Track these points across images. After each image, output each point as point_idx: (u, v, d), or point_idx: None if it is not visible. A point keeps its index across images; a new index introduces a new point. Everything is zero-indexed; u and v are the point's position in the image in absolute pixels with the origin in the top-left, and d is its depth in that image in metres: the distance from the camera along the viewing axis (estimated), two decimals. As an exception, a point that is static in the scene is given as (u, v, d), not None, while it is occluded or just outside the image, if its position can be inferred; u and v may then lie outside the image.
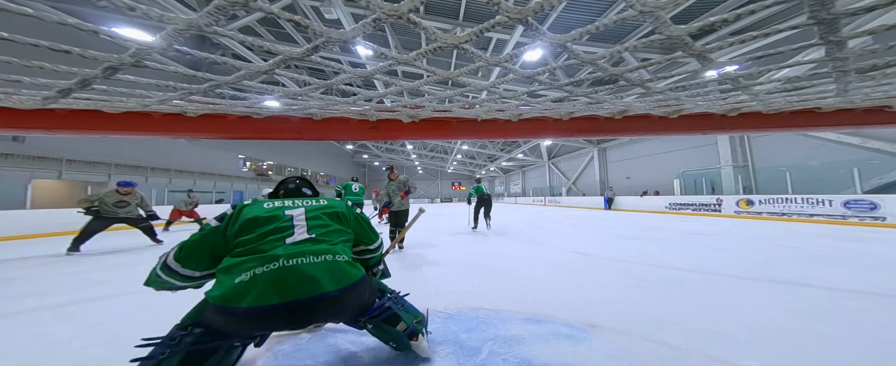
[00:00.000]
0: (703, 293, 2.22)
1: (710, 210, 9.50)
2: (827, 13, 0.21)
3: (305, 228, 1.15)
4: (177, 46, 0.23)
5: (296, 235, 1.12)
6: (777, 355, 1.41)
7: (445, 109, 0.41)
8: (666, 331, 1.64)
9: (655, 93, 0.33)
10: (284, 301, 0.96)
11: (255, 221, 1.13)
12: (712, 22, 0.23)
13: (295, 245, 1.09)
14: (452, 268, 3.19)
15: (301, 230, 1.14)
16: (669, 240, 4.67)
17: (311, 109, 0.45)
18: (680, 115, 0.34)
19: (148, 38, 0.24)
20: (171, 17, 0.21)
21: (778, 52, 0.29)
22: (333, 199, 1.34)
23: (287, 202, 1.25)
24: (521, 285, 2.50)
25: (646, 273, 2.68)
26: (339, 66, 0.31)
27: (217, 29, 0.23)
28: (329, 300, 1.02)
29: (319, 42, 0.24)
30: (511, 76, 0.29)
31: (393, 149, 36.07)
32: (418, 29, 0.25)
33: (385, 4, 0.22)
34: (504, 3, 0.22)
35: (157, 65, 0.29)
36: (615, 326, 1.69)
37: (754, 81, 0.33)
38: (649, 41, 0.30)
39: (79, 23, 0.23)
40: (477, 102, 0.39)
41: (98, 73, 0.26)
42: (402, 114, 0.38)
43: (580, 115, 0.35)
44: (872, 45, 0.27)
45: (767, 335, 1.58)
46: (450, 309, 2.00)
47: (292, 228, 1.14)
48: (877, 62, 0.29)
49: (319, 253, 1.09)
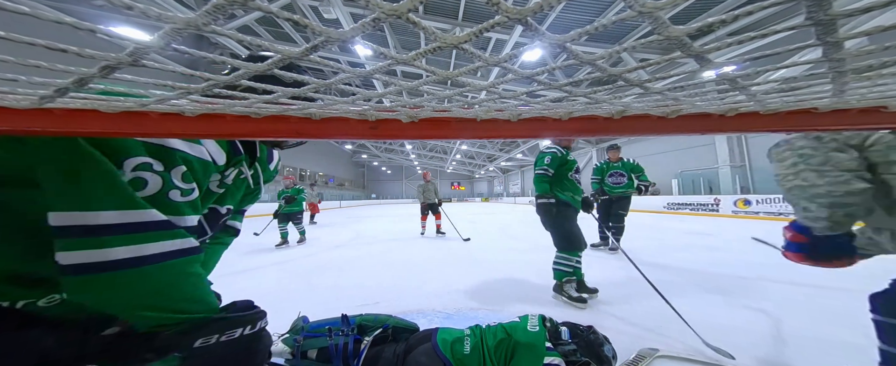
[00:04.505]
0: (703, 293, 2.23)
1: (707, 210, 9.53)
2: (824, 14, 0.21)
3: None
4: (175, 46, 0.23)
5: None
6: (778, 354, 1.42)
7: (445, 109, 0.41)
8: (664, 333, 1.64)
9: (654, 93, 0.33)
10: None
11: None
12: (711, 23, 0.23)
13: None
14: (452, 268, 3.19)
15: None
16: (669, 240, 4.68)
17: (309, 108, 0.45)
18: (678, 115, 0.34)
19: (145, 38, 0.24)
20: (169, 15, 0.21)
21: (775, 53, 0.29)
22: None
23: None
24: (519, 285, 2.50)
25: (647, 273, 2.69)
26: (338, 65, 0.31)
27: (215, 28, 0.23)
28: None
29: (318, 42, 0.24)
30: (510, 76, 0.29)
31: (392, 149, 36.00)
32: (417, 29, 0.25)
33: (384, 4, 0.22)
34: (503, 3, 0.22)
35: (155, 64, 0.29)
36: (616, 326, 1.70)
37: (752, 82, 0.33)
38: (648, 42, 0.30)
39: (76, 21, 0.23)
40: (476, 102, 0.39)
41: (95, 72, 0.26)
42: (401, 114, 0.37)
43: (579, 115, 0.35)
44: (869, 46, 0.28)
45: (767, 336, 1.58)
46: (449, 309, 2.00)
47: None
48: (873, 63, 0.29)
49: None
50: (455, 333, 1.18)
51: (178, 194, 0.58)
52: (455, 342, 1.12)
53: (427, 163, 39.74)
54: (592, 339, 1.17)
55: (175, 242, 0.54)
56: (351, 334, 1.21)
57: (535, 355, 1.05)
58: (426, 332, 1.25)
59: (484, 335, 1.15)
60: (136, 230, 0.50)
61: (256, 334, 0.62)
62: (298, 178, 25.45)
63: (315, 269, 3.32)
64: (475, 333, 1.18)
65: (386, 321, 1.31)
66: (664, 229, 6.17)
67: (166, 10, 0.28)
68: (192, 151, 0.62)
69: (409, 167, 45.45)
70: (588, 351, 1.14)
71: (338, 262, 3.66)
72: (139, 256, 0.49)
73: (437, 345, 1.12)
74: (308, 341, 1.20)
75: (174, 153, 0.58)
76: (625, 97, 0.44)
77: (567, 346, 1.12)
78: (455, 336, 1.15)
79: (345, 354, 1.15)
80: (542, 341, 1.09)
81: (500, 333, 1.15)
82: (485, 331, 1.18)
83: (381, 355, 1.15)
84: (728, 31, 7.30)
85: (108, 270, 0.47)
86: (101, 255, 0.47)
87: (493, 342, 1.11)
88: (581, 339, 1.17)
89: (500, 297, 2.26)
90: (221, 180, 0.74)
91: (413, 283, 2.65)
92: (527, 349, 1.07)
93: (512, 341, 1.10)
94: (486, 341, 1.12)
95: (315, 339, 1.20)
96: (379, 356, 1.15)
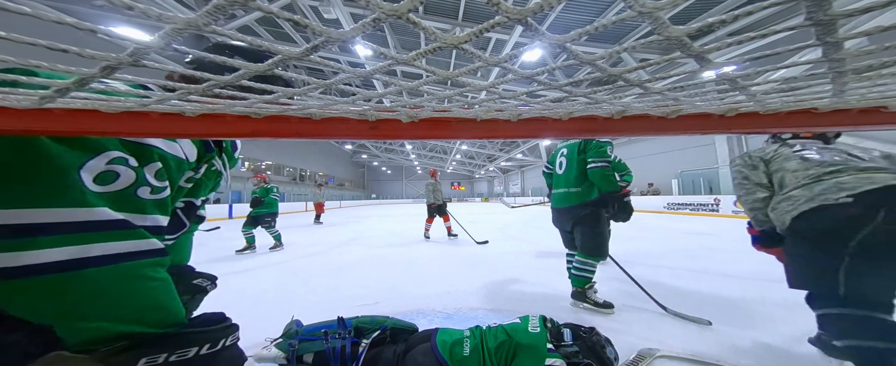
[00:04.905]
0: (704, 293, 2.23)
1: (707, 210, 9.53)
2: (824, 14, 0.21)
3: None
4: (175, 46, 0.23)
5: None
6: (779, 353, 1.42)
7: (445, 109, 0.41)
8: (665, 333, 1.64)
9: (654, 93, 0.33)
10: None
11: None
12: (711, 23, 0.23)
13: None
14: (451, 268, 3.19)
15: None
16: (669, 240, 4.68)
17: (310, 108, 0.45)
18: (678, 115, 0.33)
19: (146, 38, 0.24)
20: (170, 16, 0.21)
21: (775, 53, 0.29)
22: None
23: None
24: (519, 286, 2.50)
25: (647, 273, 2.68)
26: (338, 65, 0.31)
27: (216, 28, 0.23)
28: None
29: (318, 42, 0.24)
30: (510, 76, 0.29)
31: (392, 149, 36.00)
32: (418, 29, 0.25)
33: (384, 4, 0.22)
34: (503, 3, 0.22)
35: (156, 64, 0.29)
36: (614, 326, 1.70)
37: (752, 82, 0.33)
38: (648, 42, 0.30)
39: (76, 22, 0.23)
40: (476, 103, 0.39)
41: (96, 72, 0.26)
42: (401, 114, 0.37)
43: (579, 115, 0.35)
44: (869, 46, 0.28)
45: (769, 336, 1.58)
46: (449, 309, 2.00)
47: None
48: (873, 63, 0.29)
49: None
50: (455, 334, 1.18)
51: (147, 192, 0.54)
52: (454, 344, 1.12)
53: (427, 163, 39.72)
54: (595, 341, 1.17)
55: (128, 243, 0.50)
56: (348, 336, 1.21)
57: (536, 357, 1.05)
58: (426, 332, 1.25)
59: (484, 337, 1.15)
60: (80, 230, 0.46)
61: (215, 354, 0.54)
62: (299, 178, 25.36)
63: (314, 269, 3.31)
64: (475, 334, 1.17)
65: (384, 323, 1.30)
66: (664, 229, 6.17)
67: (166, 10, 0.28)
68: (168, 148, 0.60)
69: (409, 167, 45.43)
70: (590, 353, 1.13)
71: (337, 262, 3.66)
72: (79, 257, 0.45)
73: (437, 346, 1.11)
74: (303, 344, 1.19)
75: (151, 150, 0.57)
76: (625, 97, 0.44)
77: (569, 347, 1.12)
78: (455, 338, 1.15)
79: (342, 357, 1.14)
80: (544, 342, 1.09)
81: (500, 334, 1.14)
82: (485, 332, 1.18)
83: (380, 357, 1.15)
84: (728, 31, 7.31)
85: (34, 274, 0.43)
86: (31, 257, 0.42)
87: (493, 344, 1.11)
88: (583, 341, 1.17)
89: (501, 297, 2.26)
90: (191, 176, 0.72)
91: (413, 283, 2.65)
92: (528, 351, 1.06)
93: (513, 342, 1.10)
94: (487, 342, 1.12)
95: (311, 342, 1.19)
96: (378, 358, 1.15)
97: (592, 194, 2.01)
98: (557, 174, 2.25)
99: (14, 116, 0.34)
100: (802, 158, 1.20)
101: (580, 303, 1.97)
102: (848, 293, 0.99)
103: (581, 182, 2.04)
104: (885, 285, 0.99)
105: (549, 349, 1.07)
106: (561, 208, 2.17)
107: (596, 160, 1.98)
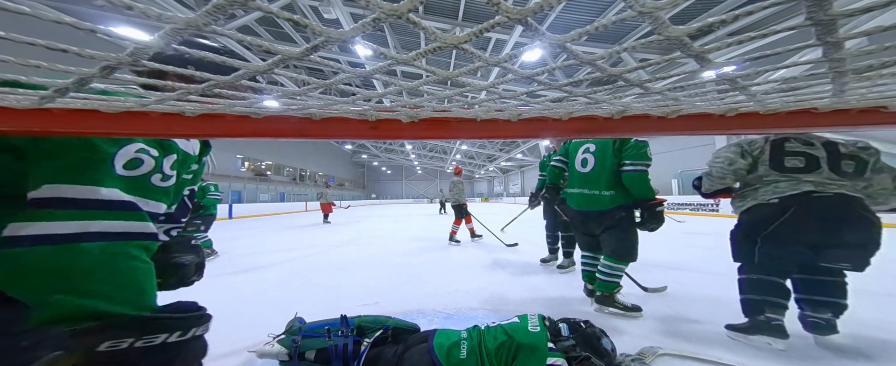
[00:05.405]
0: (703, 293, 2.23)
1: (707, 210, 9.53)
2: (824, 14, 0.21)
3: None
4: (175, 46, 0.23)
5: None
6: (778, 353, 1.42)
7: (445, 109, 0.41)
8: (665, 333, 1.64)
9: (654, 93, 0.33)
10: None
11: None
12: (711, 23, 0.23)
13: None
14: (452, 268, 3.20)
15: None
16: (669, 240, 4.69)
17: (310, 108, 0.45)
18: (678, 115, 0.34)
19: (145, 38, 0.24)
20: (169, 16, 0.21)
21: (775, 53, 0.29)
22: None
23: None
24: (518, 286, 2.50)
25: (647, 273, 2.69)
26: (338, 65, 0.31)
27: (216, 28, 0.23)
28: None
29: (318, 42, 0.24)
30: (510, 76, 0.29)
31: (392, 149, 36.00)
32: (417, 29, 0.25)
33: (384, 4, 0.22)
34: (503, 3, 0.22)
35: (155, 64, 0.29)
36: (617, 325, 1.70)
37: (752, 82, 0.33)
38: (648, 42, 0.30)
39: (76, 21, 0.23)
40: (476, 102, 0.39)
41: (96, 72, 0.26)
42: (401, 114, 0.37)
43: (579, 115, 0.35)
44: (869, 46, 0.27)
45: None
46: (449, 309, 2.00)
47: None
48: (873, 63, 0.29)
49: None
50: (453, 336, 1.18)
51: (159, 179, 0.60)
52: (452, 347, 1.11)
53: (427, 163, 39.75)
54: (590, 332, 1.17)
55: (127, 224, 0.53)
56: (350, 335, 1.21)
57: (538, 357, 1.04)
58: (425, 333, 1.24)
59: (483, 338, 1.14)
60: (96, 207, 0.50)
61: (183, 343, 0.53)
62: (298, 177, 25.30)
63: (316, 268, 3.32)
64: (472, 335, 1.17)
65: (386, 322, 1.30)
66: (663, 229, 6.16)
67: (166, 10, 0.28)
68: (183, 145, 0.68)
69: (409, 167, 45.44)
70: (586, 344, 1.14)
71: (337, 262, 3.66)
72: (80, 232, 0.48)
73: (433, 349, 1.11)
74: (306, 341, 1.20)
75: (170, 143, 0.64)
76: (625, 97, 0.44)
77: (566, 342, 1.12)
78: (452, 340, 1.14)
79: (344, 355, 1.15)
80: (545, 341, 1.09)
81: (500, 334, 1.14)
82: (484, 333, 1.17)
83: (380, 356, 1.15)
84: (728, 31, 7.30)
85: (39, 243, 0.45)
86: (39, 228, 0.45)
87: (493, 345, 1.11)
88: (579, 333, 1.17)
89: (501, 298, 2.26)
90: (193, 168, 0.80)
91: (413, 283, 2.65)
92: (529, 351, 1.06)
93: (513, 342, 1.10)
94: (485, 343, 1.12)
95: (313, 339, 1.20)
96: (379, 357, 1.15)
97: (626, 198, 1.84)
98: (579, 172, 1.99)
99: (14, 115, 0.34)
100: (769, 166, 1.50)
101: (606, 308, 1.84)
102: (758, 265, 1.49)
103: (614, 184, 1.84)
104: (780, 259, 1.44)
105: (549, 348, 1.07)
106: (588, 212, 1.94)
107: (635, 163, 1.79)
